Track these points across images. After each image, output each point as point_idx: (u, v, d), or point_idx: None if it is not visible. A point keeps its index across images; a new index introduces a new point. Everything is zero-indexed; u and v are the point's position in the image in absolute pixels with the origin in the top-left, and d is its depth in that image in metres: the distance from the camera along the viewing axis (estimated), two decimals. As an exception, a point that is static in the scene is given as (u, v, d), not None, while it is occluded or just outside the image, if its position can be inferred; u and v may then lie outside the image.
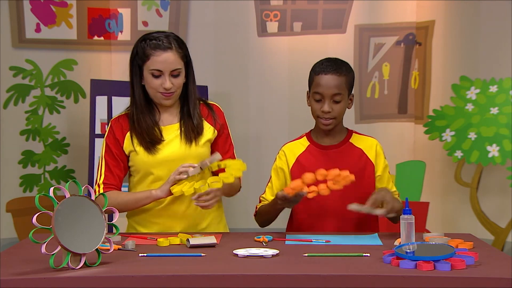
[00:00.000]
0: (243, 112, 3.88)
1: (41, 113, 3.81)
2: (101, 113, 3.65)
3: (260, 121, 3.94)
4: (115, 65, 3.92)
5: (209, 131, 2.66)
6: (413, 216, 2.11)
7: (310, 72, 2.66)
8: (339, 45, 3.89)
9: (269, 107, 3.95)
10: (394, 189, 2.68)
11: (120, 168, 2.63)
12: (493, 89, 3.57)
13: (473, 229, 3.49)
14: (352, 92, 2.67)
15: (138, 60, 2.58)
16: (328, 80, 2.58)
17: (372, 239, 2.39)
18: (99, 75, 3.87)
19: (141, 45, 2.58)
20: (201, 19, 3.92)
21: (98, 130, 3.64)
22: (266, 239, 2.32)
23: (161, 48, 2.54)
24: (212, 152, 2.66)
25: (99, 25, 3.92)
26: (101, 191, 2.58)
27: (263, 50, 3.95)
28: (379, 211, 2.42)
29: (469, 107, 3.61)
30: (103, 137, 2.67)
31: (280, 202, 2.46)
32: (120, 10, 3.94)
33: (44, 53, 3.82)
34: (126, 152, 2.63)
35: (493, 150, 3.54)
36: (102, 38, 3.93)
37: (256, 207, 2.72)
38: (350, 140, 2.68)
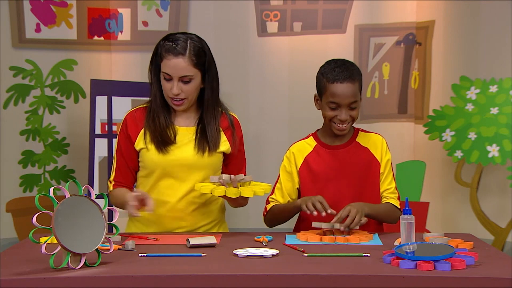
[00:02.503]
0: (243, 112, 3.87)
1: (41, 113, 3.81)
2: (101, 113, 3.65)
3: (260, 121, 3.93)
4: (115, 65, 3.92)
5: (224, 144, 2.63)
6: (413, 216, 2.11)
7: (320, 78, 2.58)
8: (339, 45, 3.88)
9: (269, 107, 3.94)
10: (392, 185, 2.66)
11: (129, 166, 2.63)
12: (493, 89, 3.57)
13: (473, 229, 3.48)
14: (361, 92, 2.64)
15: (157, 59, 2.56)
16: (345, 89, 2.52)
17: (372, 239, 2.39)
18: (99, 75, 3.87)
19: (160, 44, 2.55)
20: (201, 19, 3.92)
21: (98, 130, 3.63)
22: (266, 239, 2.32)
23: (173, 53, 2.50)
24: (224, 162, 2.67)
25: (99, 25, 3.91)
26: (111, 188, 2.62)
27: (263, 50, 3.94)
28: (338, 225, 2.38)
29: (469, 107, 3.61)
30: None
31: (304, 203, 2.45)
32: (120, 10, 3.94)
33: (44, 53, 3.82)
34: (137, 149, 2.61)
35: (493, 150, 3.54)
36: (102, 38, 3.92)
37: (266, 208, 2.68)
38: (357, 139, 2.67)
